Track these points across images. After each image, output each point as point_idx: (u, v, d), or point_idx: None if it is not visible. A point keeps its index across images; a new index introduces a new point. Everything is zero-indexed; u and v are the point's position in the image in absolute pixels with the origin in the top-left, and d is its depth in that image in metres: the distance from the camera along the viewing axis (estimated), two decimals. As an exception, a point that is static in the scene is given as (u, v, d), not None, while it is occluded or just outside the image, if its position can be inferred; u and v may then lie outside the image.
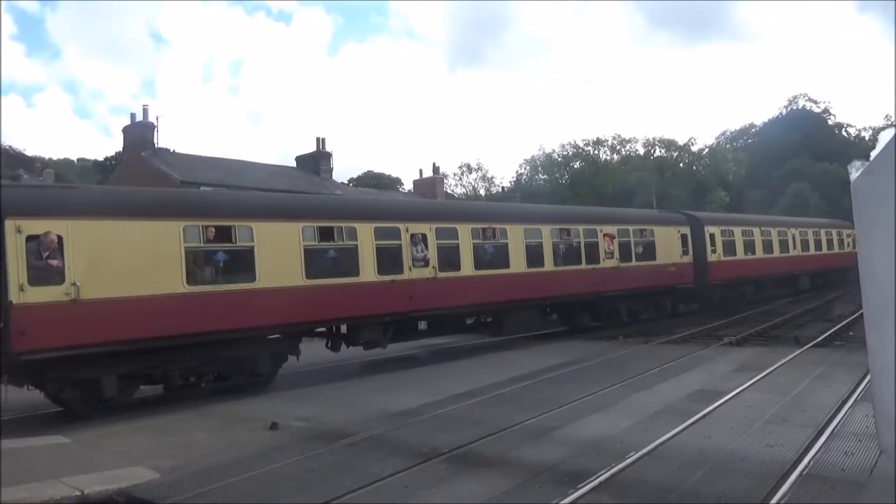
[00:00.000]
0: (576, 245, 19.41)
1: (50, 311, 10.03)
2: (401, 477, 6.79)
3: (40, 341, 9.85)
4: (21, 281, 9.78)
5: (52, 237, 10.19)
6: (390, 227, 14.64)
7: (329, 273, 13.56)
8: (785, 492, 5.93)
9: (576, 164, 62.47)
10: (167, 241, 11.35)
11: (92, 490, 6.77)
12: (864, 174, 5.93)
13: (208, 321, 11.62)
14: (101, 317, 10.44)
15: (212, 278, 11.95)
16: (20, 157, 47.45)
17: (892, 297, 4.88)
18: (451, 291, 15.49)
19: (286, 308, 12.63)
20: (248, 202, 14.09)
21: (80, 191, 12.22)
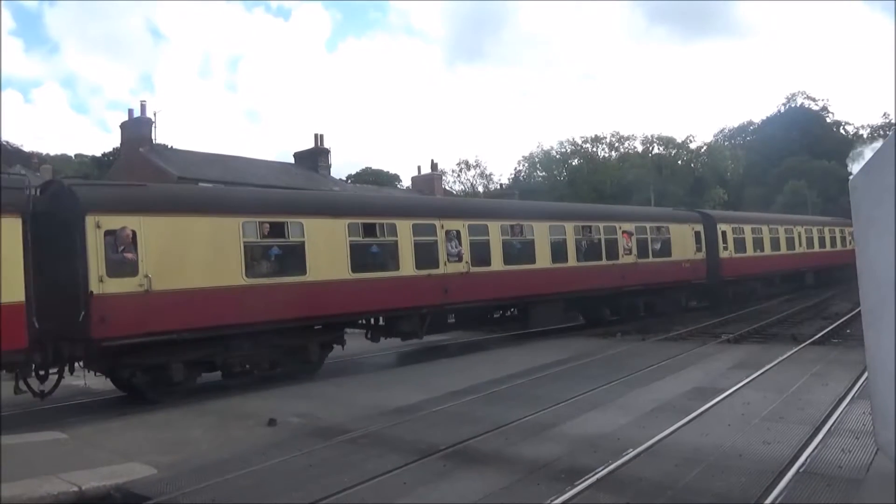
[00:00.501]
0: (596, 241, 20.13)
1: (125, 301, 10.76)
2: (398, 473, 6.80)
3: (117, 329, 10.62)
4: (100, 273, 10.54)
5: (127, 232, 10.92)
6: (427, 224, 15.48)
7: (372, 267, 14.32)
8: (782, 489, 5.94)
9: (574, 162, 62.36)
10: (228, 236, 12.12)
11: (89, 486, 6.77)
12: (861, 173, 5.94)
13: (264, 312, 12.33)
14: (170, 307, 11.20)
15: (267, 271, 12.77)
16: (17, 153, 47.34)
17: (890, 295, 4.89)
18: (483, 285, 16.38)
19: (333, 300, 13.44)
20: (299, 199, 15.04)
21: (149, 188, 13.04)
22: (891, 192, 4.81)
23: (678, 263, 23.02)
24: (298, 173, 32.22)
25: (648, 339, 17.40)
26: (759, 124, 77.64)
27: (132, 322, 10.80)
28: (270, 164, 33.19)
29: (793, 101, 77.18)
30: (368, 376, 13.48)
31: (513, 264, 17.20)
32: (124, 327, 10.70)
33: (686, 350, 14.94)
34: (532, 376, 12.28)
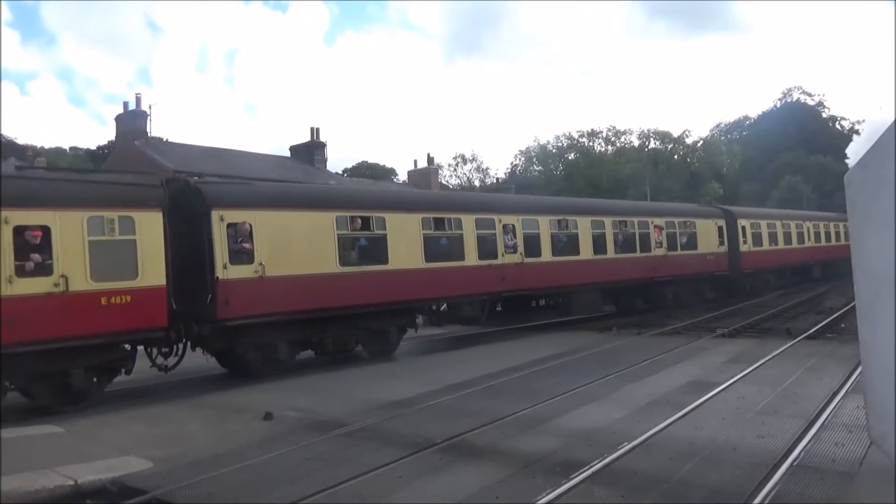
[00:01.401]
0: (631, 235, 21.66)
1: (243, 286, 12.25)
2: (395, 467, 6.81)
3: (237, 310, 12.12)
4: (224, 260, 12.07)
5: (246, 225, 12.43)
6: (487, 219, 17.02)
7: (441, 257, 15.83)
8: (776, 482, 5.97)
9: (570, 156, 62.34)
10: (324, 229, 13.64)
11: (85, 479, 6.77)
12: (857, 167, 5.96)
13: (354, 297, 13.88)
14: (279, 291, 12.61)
15: (356, 260, 14.27)
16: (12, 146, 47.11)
17: (885, 290, 4.91)
18: (535, 275, 17.89)
19: (410, 287, 14.95)
20: (381, 196, 17.06)
21: (261, 186, 14.64)
22: (886, 187, 4.82)
23: (703, 256, 24.68)
24: (294, 167, 32.15)
25: (644, 334, 17.45)
26: (755, 119, 77.76)
27: (249, 304, 12.27)
28: (266, 158, 33.11)
29: (789, 97, 77.31)
30: (364, 370, 13.48)
31: (559, 256, 18.79)
32: (243, 309, 12.18)
33: (681, 344, 14.98)
34: (528, 370, 12.31)
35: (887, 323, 4.86)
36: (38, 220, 10.20)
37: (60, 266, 10.25)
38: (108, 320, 10.68)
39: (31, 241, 10.11)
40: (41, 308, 10.00)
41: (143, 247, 11.09)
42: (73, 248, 10.40)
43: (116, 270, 10.91)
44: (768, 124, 72.85)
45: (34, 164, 33.12)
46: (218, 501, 6.09)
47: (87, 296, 10.49)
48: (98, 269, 10.62)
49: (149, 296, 11.05)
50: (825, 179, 59.70)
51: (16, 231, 9.97)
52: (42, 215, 10.23)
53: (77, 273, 10.39)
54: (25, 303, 9.82)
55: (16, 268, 9.88)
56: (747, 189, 60.59)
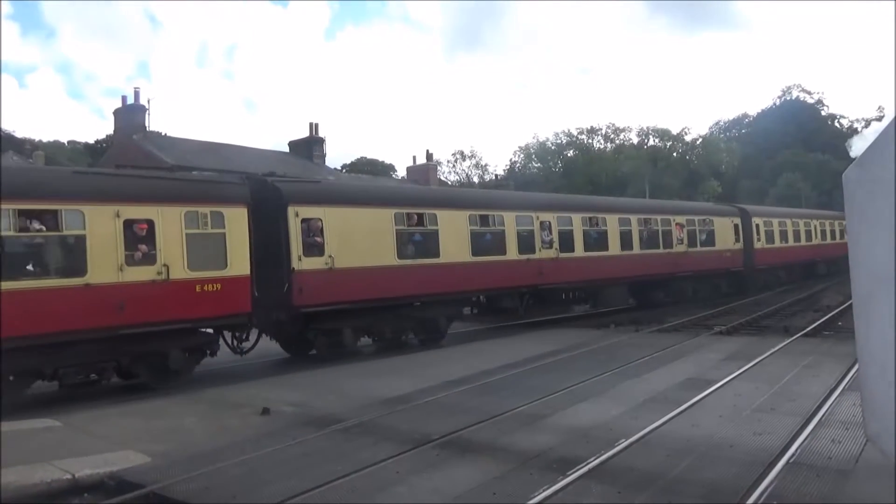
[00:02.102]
0: (655, 232, 22.83)
1: (315, 277, 13.38)
2: (392, 462, 6.82)
3: (310, 299, 13.26)
4: (299, 253, 13.21)
5: (318, 220, 13.57)
6: (526, 216, 18.20)
7: (486, 252, 16.90)
8: (772, 479, 5.99)
9: (569, 153, 62.37)
10: (384, 224, 14.80)
11: (83, 473, 6.77)
12: (855, 165, 5.96)
13: (410, 287, 15.06)
14: (346, 281, 13.79)
15: (412, 254, 15.36)
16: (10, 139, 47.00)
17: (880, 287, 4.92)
18: (569, 269, 19.11)
19: (458, 279, 16.06)
20: (434, 194, 18.86)
21: (326, 184, 16.18)
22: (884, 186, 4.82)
23: (721, 253, 25.93)
24: (293, 162, 32.11)
25: (642, 331, 17.48)
26: (754, 117, 77.73)
27: (319, 294, 13.38)
28: (265, 153, 33.06)
29: (788, 94, 77.27)
30: (362, 365, 13.49)
31: (590, 251, 19.96)
32: (315, 297, 13.30)
33: (679, 341, 15.00)
34: (526, 367, 12.33)
35: (883, 320, 4.87)
36: (144, 215, 11.27)
37: (162, 256, 11.35)
38: (201, 306, 11.80)
39: (138, 234, 11.18)
40: (146, 294, 11.10)
41: (231, 239, 12.19)
42: (173, 240, 11.50)
43: (208, 261, 11.98)
44: (767, 122, 72.81)
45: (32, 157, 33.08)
46: (215, 496, 6.09)
47: (185, 284, 11.58)
48: (193, 259, 11.72)
49: (236, 284, 12.17)
50: (824, 177, 59.72)
51: (125, 224, 11.03)
52: (147, 210, 11.32)
53: (176, 263, 11.47)
54: (134, 290, 10.96)
55: (126, 257, 10.95)
56: (746, 187, 60.59)
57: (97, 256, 10.70)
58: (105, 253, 10.77)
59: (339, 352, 14.18)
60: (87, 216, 10.66)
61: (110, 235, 10.85)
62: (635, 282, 22.32)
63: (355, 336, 14.66)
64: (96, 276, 10.65)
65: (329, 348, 14.15)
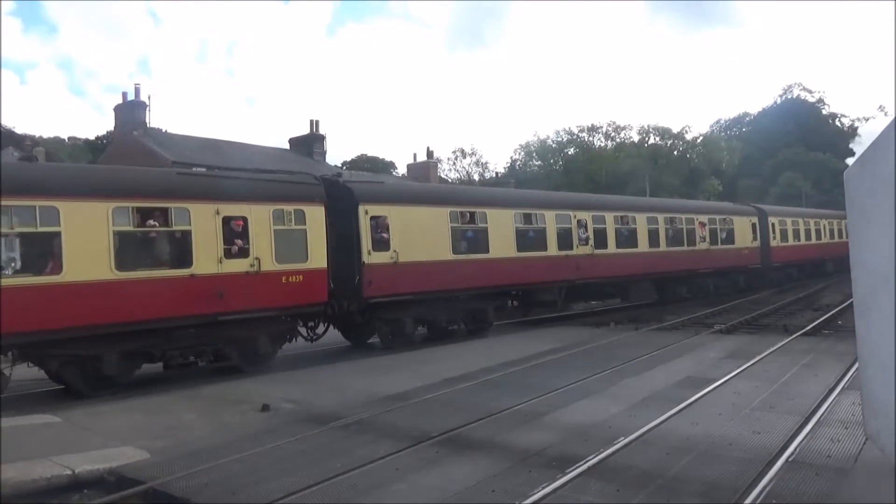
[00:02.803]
0: (679, 231, 24.03)
1: (382, 270, 14.57)
2: (391, 459, 6.83)
3: (377, 290, 14.50)
4: (368, 248, 14.45)
5: (384, 218, 14.80)
6: (564, 214, 19.44)
7: (529, 248, 18.10)
8: (771, 478, 5.99)
9: (570, 151, 62.24)
10: (440, 222, 16.03)
11: (82, 469, 6.78)
12: (856, 165, 5.96)
13: (463, 281, 16.22)
14: (408, 275, 14.97)
15: (465, 249, 16.56)
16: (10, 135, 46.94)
17: (881, 286, 4.92)
18: (603, 265, 20.29)
19: (505, 273, 17.27)
20: (484, 193, 20.51)
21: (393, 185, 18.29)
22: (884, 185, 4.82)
23: (739, 251, 27.22)
24: (293, 159, 32.07)
25: (641, 329, 17.48)
26: (755, 116, 77.60)
27: (386, 285, 14.58)
28: (265, 150, 33.00)
29: (789, 93, 77.16)
30: (361, 363, 13.49)
31: (622, 248, 21.16)
32: (381, 289, 14.52)
33: (678, 340, 15.01)
34: (525, 365, 12.33)
35: (883, 319, 4.88)
36: (239, 212, 12.40)
37: (254, 250, 12.49)
38: (286, 295, 12.94)
39: (235, 229, 12.32)
40: (241, 284, 12.22)
41: (312, 235, 13.36)
42: (263, 236, 12.64)
43: (292, 254, 13.10)
44: (768, 121, 72.73)
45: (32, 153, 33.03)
46: (215, 492, 6.09)
47: (273, 275, 12.71)
48: (280, 252, 12.84)
49: (315, 276, 13.36)
50: (824, 176, 59.71)
51: (224, 221, 12.14)
52: (242, 208, 12.45)
53: (266, 256, 12.62)
54: (230, 280, 12.06)
55: (224, 251, 12.07)
56: (746, 185, 60.54)
57: (201, 250, 11.82)
58: (207, 246, 11.91)
59: (400, 340, 15.34)
60: (192, 213, 11.80)
61: (211, 231, 12.00)
62: (661, 277, 23.42)
63: (414, 325, 15.87)
64: (200, 268, 11.80)
65: (390, 337, 15.36)
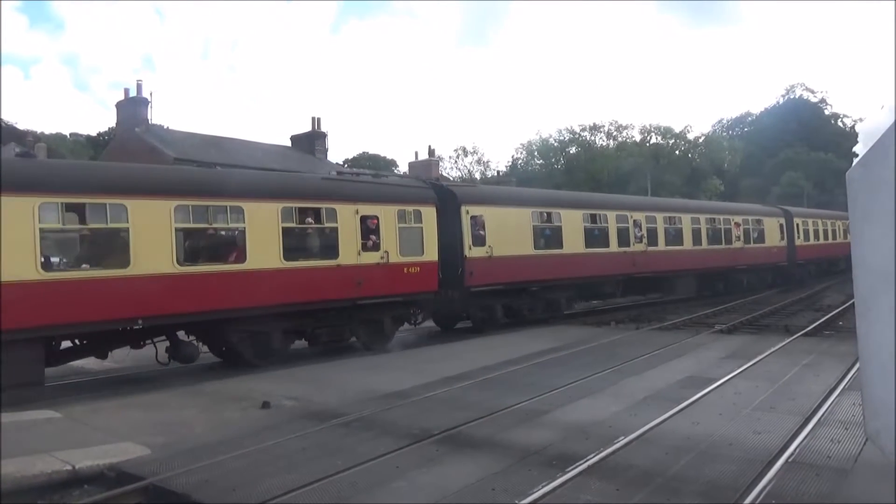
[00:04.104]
0: (718, 230, 26.31)
1: (480, 263, 16.80)
2: (391, 457, 6.83)
3: (476, 280, 16.73)
4: (469, 243, 16.68)
5: (481, 217, 17.01)
6: (623, 214, 21.82)
7: (594, 245, 20.48)
8: (771, 478, 5.99)
9: (571, 150, 62.21)
10: (525, 221, 18.33)
11: (83, 465, 6.78)
12: (859, 164, 5.95)
13: (542, 273, 18.51)
14: (501, 267, 17.19)
15: (543, 245, 18.80)
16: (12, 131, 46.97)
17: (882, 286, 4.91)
18: (655, 261, 22.57)
19: (575, 267, 19.60)
20: (559, 195, 23.52)
21: (485, 188, 21.20)
22: (886, 185, 4.81)
23: (769, 249, 29.71)
24: (295, 157, 32.07)
25: (642, 328, 17.49)
26: (757, 115, 77.58)
27: (483, 276, 16.81)
28: (266, 147, 32.99)
29: (792, 93, 77.15)
30: (362, 360, 13.50)
31: (670, 245, 23.51)
32: (479, 279, 16.75)
33: (679, 340, 15.00)
34: (526, 363, 12.31)
35: (884, 319, 4.87)
36: (373, 212, 14.57)
37: (384, 244, 14.62)
38: (407, 284, 15.09)
39: (370, 227, 14.40)
40: (374, 274, 14.35)
41: (426, 232, 15.58)
42: (390, 232, 14.80)
43: (412, 248, 15.26)
44: (770, 120, 72.73)
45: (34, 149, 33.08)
46: (215, 488, 6.09)
47: (397, 266, 14.88)
48: (403, 247, 15.00)
49: (429, 268, 15.58)
50: (826, 176, 59.64)
51: (361, 219, 14.26)
52: (375, 208, 14.63)
53: (392, 250, 14.78)
54: (366, 270, 14.21)
55: (362, 244, 14.22)
56: (748, 185, 60.50)
57: (345, 244, 13.96)
58: (349, 241, 14.03)
59: (491, 324, 17.54)
60: (339, 213, 13.88)
61: (352, 228, 14.11)
62: (701, 273, 25.68)
63: (502, 312, 18.01)
64: (344, 259, 13.92)
65: (483, 322, 17.57)
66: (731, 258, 26.88)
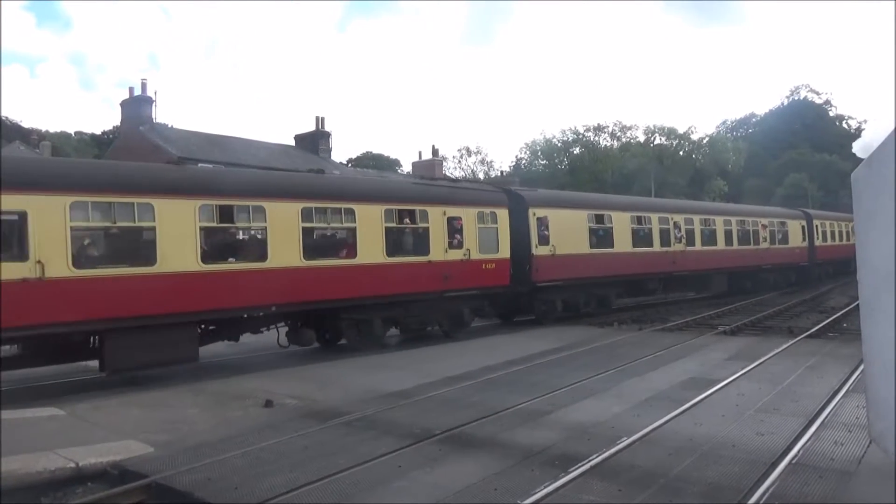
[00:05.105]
0: (747, 232, 28.15)
1: (545, 261, 18.51)
2: (394, 456, 6.83)
3: (541, 276, 18.53)
4: (535, 242, 18.43)
5: (546, 218, 18.80)
6: (665, 217, 23.59)
7: (640, 244, 22.21)
8: (774, 480, 5.98)
9: (575, 150, 62.11)
10: (581, 222, 20.18)
11: (86, 462, 6.80)
12: (863, 167, 5.93)
13: (597, 271, 20.32)
14: (561, 265, 18.85)
15: (597, 245, 20.55)
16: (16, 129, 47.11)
17: (886, 287, 4.90)
18: (691, 259, 24.37)
19: (623, 265, 21.33)
20: (609, 199, 25.20)
21: (547, 192, 22.27)
22: (889, 186, 4.80)
23: (792, 249, 31.63)
24: (298, 156, 32.11)
25: (645, 329, 17.45)
26: (761, 116, 77.39)
27: (547, 272, 18.56)
28: (270, 146, 33.05)
29: (796, 94, 76.94)
30: (364, 360, 13.50)
31: (705, 246, 25.34)
32: (544, 276, 18.50)
33: (682, 341, 14.97)
34: (528, 363, 12.31)
35: (888, 320, 4.86)
36: (458, 214, 16.26)
37: (466, 243, 16.33)
38: (484, 279, 16.78)
39: (455, 227, 16.10)
40: (458, 269, 16.07)
41: (500, 232, 17.32)
42: (471, 232, 16.52)
43: (489, 247, 16.92)
44: (775, 121, 72.59)
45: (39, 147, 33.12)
46: (218, 486, 6.10)
47: (477, 262, 16.55)
48: (482, 245, 16.72)
49: (502, 264, 17.28)
50: (830, 178, 59.48)
51: (448, 220, 15.98)
52: (459, 210, 16.31)
53: (473, 247, 16.48)
54: (452, 266, 15.91)
55: (448, 243, 15.91)
56: (752, 186, 60.36)
57: (435, 242, 15.65)
58: (438, 240, 15.73)
59: (551, 316, 19.09)
60: (430, 214, 15.56)
61: (441, 228, 15.81)
62: (732, 271, 27.23)
63: (561, 305, 19.54)
64: (434, 256, 15.63)
65: (545, 314, 19.05)
66: (758, 258, 28.63)
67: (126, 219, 11.01)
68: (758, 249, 28.64)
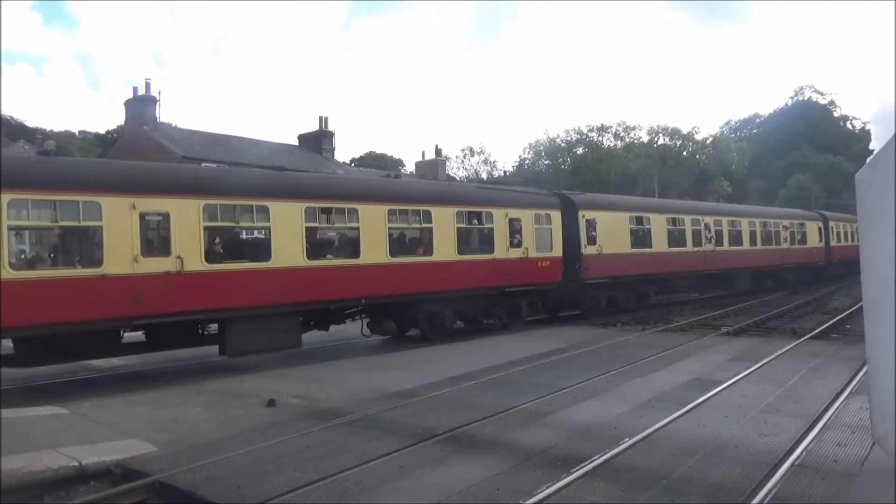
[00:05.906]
0: (769, 233, 29.65)
1: (591, 260, 19.90)
2: (396, 456, 6.84)
3: (589, 274, 19.89)
4: (584, 242, 19.78)
5: (594, 220, 20.09)
6: (696, 218, 25.04)
7: (673, 244, 23.66)
8: (776, 481, 5.97)
9: (579, 150, 62.01)
10: (623, 224, 21.58)
11: (89, 461, 6.82)
12: (868, 167, 5.92)
13: (636, 269, 21.69)
14: (607, 264, 20.25)
15: (636, 244, 21.97)
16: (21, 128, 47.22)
17: (890, 289, 4.88)
18: (720, 259, 25.80)
19: (660, 263, 22.81)
20: (648, 202, 27.40)
21: (594, 195, 24.49)
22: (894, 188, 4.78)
23: (810, 249, 32.97)
24: (301, 155, 32.14)
25: (648, 330, 17.41)
26: (765, 117, 77.23)
27: (595, 271, 19.96)
28: (273, 146, 33.08)
29: (800, 95, 76.77)
30: (366, 360, 13.52)
31: (731, 245, 26.68)
32: (592, 273, 19.90)
33: (685, 342, 14.95)
34: (530, 364, 12.30)
35: (891, 321, 4.84)
36: (517, 215, 17.60)
37: (524, 242, 17.62)
38: (540, 275, 18.12)
39: (516, 227, 17.47)
40: (518, 266, 17.39)
41: (554, 232, 18.62)
42: (529, 232, 17.85)
43: (544, 246, 18.30)
44: (779, 122, 72.43)
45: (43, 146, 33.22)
46: (220, 485, 6.12)
47: (534, 260, 17.90)
48: (538, 244, 18.05)
49: (556, 262, 18.62)
50: (834, 179, 59.37)
51: (509, 221, 17.30)
52: (518, 212, 17.69)
53: (531, 246, 17.80)
54: (513, 263, 17.23)
55: (510, 242, 17.24)
56: (755, 187, 60.23)
57: (498, 241, 16.99)
58: (501, 239, 17.07)
59: (595, 311, 20.41)
60: (494, 216, 16.99)
61: (503, 228, 17.16)
62: (756, 270, 28.76)
63: (607, 303, 20.83)
64: (497, 254, 16.94)
65: (590, 309, 20.36)
66: (779, 257, 30.12)
67: (246, 219, 12.47)
68: (779, 249, 30.00)
